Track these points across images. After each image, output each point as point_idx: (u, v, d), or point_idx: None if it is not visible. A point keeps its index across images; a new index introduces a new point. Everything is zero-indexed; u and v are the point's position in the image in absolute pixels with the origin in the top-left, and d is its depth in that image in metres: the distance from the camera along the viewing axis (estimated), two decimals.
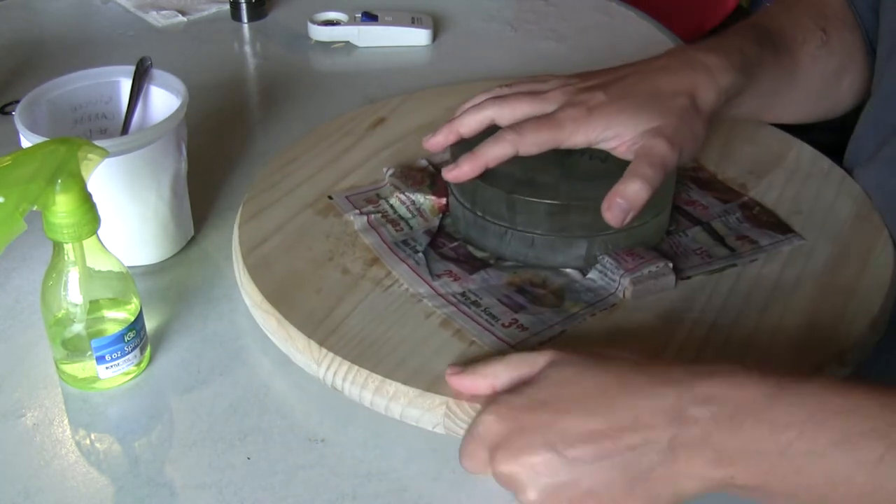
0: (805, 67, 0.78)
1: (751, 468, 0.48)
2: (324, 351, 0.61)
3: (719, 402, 0.49)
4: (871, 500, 0.47)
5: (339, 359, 0.61)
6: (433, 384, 0.59)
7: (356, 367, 0.60)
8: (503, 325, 0.63)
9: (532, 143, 0.67)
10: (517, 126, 0.67)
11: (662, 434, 0.50)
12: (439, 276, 0.67)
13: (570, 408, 0.52)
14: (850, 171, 0.79)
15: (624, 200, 0.64)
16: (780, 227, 0.72)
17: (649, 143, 0.66)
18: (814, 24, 0.79)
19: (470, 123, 0.70)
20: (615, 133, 0.66)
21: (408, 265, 0.68)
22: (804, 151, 0.81)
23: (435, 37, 1.07)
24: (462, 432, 0.58)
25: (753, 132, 0.84)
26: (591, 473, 0.50)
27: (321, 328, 0.63)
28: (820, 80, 0.80)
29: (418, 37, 1.05)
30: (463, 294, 0.66)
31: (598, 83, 0.69)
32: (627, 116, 0.67)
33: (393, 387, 0.59)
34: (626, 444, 0.50)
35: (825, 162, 0.80)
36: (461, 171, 0.67)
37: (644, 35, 1.08)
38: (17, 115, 0.68)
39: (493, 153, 0.67)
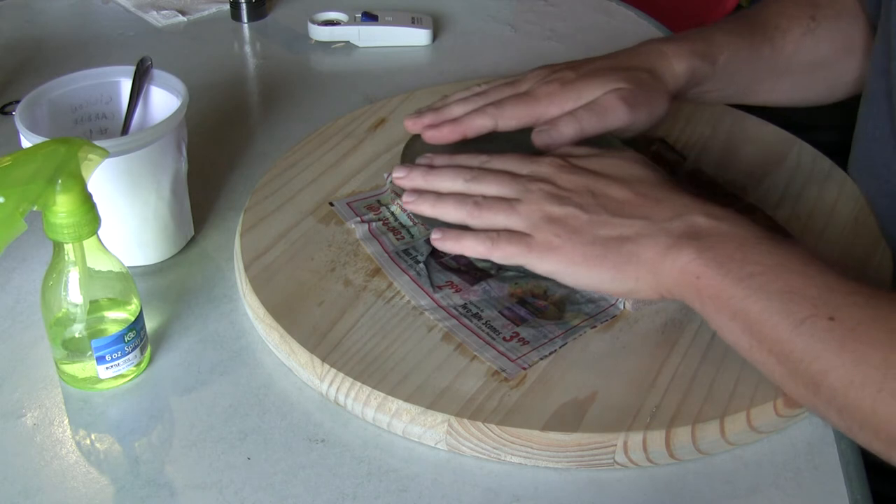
0: (788, 54, 0.81)
1: (714, 279, 0.57)
2: (326, 367, 0.61)
3: (719, 221, 0.59)
4: (783, 351, 0.54)
5: (341, 375, 0.61)
6: (436, 402, 0.59)
7: (359, 384, 0.60)
8: (504, 338, 0.63)
9: (511, 117, 0.73)
10: (497, 101, 0.73)
11: (667, 224, 0.59)
12: (440, 288, 0.67)
13: (613, 179, 0.63)
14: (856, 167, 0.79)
15: (552, 128, 0.71)
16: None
17: (601, 98, 0.72)
18: (801, 13, 0.82)
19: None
20: (585, 101, 0.72)
21: (409, 276, 0.68)
22: (805, 151, 0.81)
23: (435, 37, 1.07)
24: (465, 450, 0.58)
25: (754, 132, 0.84)
26: (593, 231, 0.61)
27: (323, 343, 0.63)
28: (807, 66, 0.82)
29: (418, 37, 1.05)
30: (464, 306, 0.65)
31: (567, 66, 0.76)
32: (595, 85, 0.73)
33: (395, 404, 0.59)
34: (638, 222, 0.60)
35: (826, 162, 0.80)
36: (441, 133, 0.73)
37: (644, 35, 1.07)
38: (17, 115, 0.68)
39: (475, 123, 0.73)
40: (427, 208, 0.66)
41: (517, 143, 0.72)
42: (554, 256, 0.61)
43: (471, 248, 0.63)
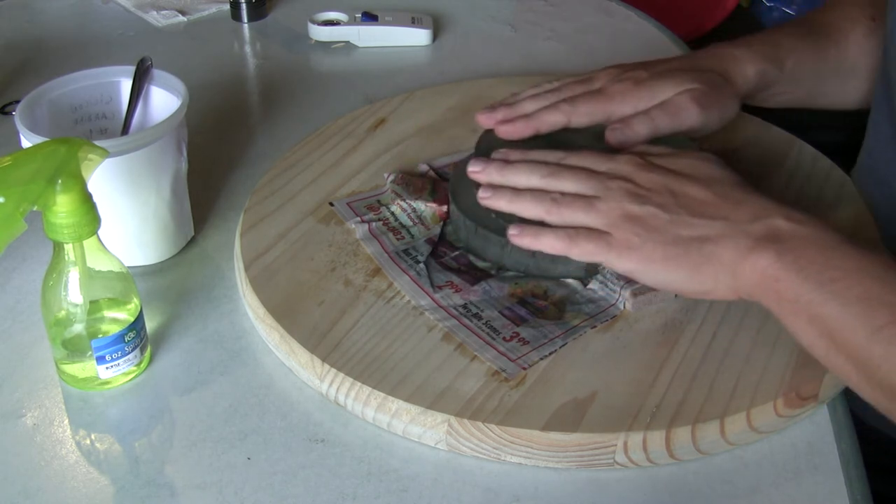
0: (853, 56, 0.82)
1: (794, 283, 0.56)
2: (326, 367, 0.61)
3: (800, 225, 0.58)
4: (860, 357, 0.54)
5: (341, 375, 0.61)
6: (436, 402, 0.59)
7: (359, 384, 0.60)
8: (504, 338, 0.63)
9: (584, 114, 0.73)
10: (570, 98, 0.73)
11: (747, 226, 0.59)
12: (440, 288, 0.67)
13: (692, 179, 0.62)
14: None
15: (626, 127, 0.71)
16: None
17: (674, 98, 0.72)
18: (861, 14, 0.83)
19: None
20: (658, 100, 0.72)
21: (409, 276, 0.68)
22: (805, 151, 0.81)
23: (435, 37, 1.07)
24: (465, 450, 0.58)
25: (754, 132, 0.84)
26: (674, 231, 0.60)
27: (324, 343, 0.63)
28: (872, 68, 0.82)
29: (418, 37, 1.05)
30: (464, 306, 0.65)
31: (639, 65, 0.76)
32: (668, 84, 0.73)
33: (395, 404, 0.59)
34: (718, 223, 0.60)
35: (826, 162, 0.80)
36: (515, 128, 0.72)
37: (644, 35, 1.08)
38: (17, 115, 0.68)
39: (548, 119, 0.72)
40: (504, 204, 0.65)
41: (586, 141, 0.71)
42: (633, 255, 0.60)
43: (549, 244, 0.62)
